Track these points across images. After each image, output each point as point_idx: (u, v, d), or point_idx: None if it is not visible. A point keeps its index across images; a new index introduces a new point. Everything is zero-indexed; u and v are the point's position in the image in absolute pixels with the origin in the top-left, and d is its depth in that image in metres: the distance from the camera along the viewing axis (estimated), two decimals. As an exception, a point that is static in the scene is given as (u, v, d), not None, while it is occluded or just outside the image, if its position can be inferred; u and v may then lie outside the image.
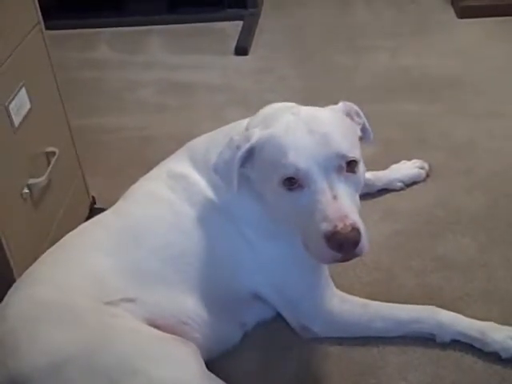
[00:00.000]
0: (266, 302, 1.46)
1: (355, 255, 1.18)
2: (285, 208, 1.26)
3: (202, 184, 1.42)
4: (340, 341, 1.45)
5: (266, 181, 1.28)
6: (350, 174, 1.23)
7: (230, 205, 1.40)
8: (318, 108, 1.34)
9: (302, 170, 1.20)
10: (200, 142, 1.50)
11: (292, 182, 1.22)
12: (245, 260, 1.41)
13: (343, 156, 1.22)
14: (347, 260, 1.20)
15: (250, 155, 1.29)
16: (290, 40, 2.88)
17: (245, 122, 1.45)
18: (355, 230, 1.16)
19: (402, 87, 2.41)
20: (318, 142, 1.22)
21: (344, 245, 1.16)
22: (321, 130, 1.23)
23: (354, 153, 1.24)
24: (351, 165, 1.23)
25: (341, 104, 1.36)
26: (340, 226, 1.15)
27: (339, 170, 1.22)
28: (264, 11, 3.14)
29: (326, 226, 1.16)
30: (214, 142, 1.46)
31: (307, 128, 1.24)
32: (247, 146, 1.28)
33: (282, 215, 1.29)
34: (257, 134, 1.29)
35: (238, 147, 1.29)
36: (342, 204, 1.18)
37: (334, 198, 1.18)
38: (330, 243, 1.16)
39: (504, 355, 1.36)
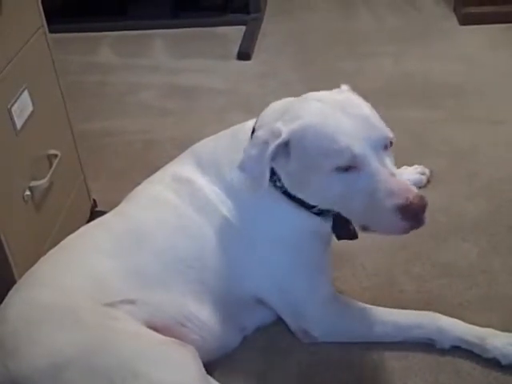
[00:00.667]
0: (266, 306, 1.46)
1: (424, 222, 1.24)
2: (338, 193, 1.27)
3: (206, 188, 1.42)
4: (340, 345, 1.45)
5: (312, 170, 1.27)
6: (388, 151, 1.29)
7: (234, 209, 1.40)
8: (330, 92, 1.37)
9: (357, 154, 1.23)
10: (204, 146, 1.50)
11: (346, 167, 1.24)
12: (247, 264, 1.41)
13: (387, 137, 1.28)
14: (417, 228, 1.25)
15: (282, 149, 1.29)
16: (292, 45, 2.88)
17: (249, 123, 1.45)
18: (422, 197, 1.22)
19: (404, 93, 2.41)
20: (363, 125, 1.26)
21: (418, 214, 1.21)
22: (358, 113, 1.28)
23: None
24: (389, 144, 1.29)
25: (344, 86, 1.41)
26: (411, 197, 1.20)
27: (385, 149, 1.27)
28: (266, 16, 3.15)
29: (396, 201, 1.20)
30: (219, 145, 1.46)
31: (344, 112, 1.27)
32: (279, 140, 1.27)
33: (333, 200, 1.30)
34: (288, 127, 1.28)
35: (266, 143, 1.28)
36: (401, 179, 1.24)
37: (392, 175, 1.24)
38: (404, 215, 1.21)
39: (503, 362, 1.36)
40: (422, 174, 1.92)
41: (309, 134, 1.27)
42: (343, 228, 1.40)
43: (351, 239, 1.41)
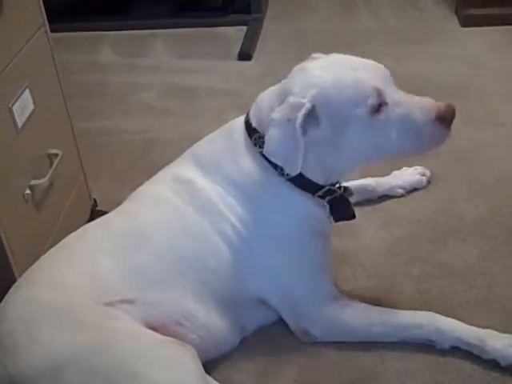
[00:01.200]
0: (267, 306, 1.46)
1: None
2: (378, 136, 1.32)
3: (207, 188, 1.42)
4: (340, 346, 1.45)
5: (348, 125, 1.31)
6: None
7: (235, 208, 1.41)
8: (312, 60, 1.42)
9: (382, 90, 1.31)
10: (202, 146, 1.51)
11: (377, 107, 1.30)
12: (248, 263, 1.41)
13: (389, 71, 1.38)
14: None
15: (308, 119, 1.30)
16: (293, 45, 2.88)
17: (240, 118, 1.46)
18: (449, 104, 1.36)
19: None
20: (369, 68, 1.35)
21: (452, 118, 1.34)
22: (357, 61, 1.37)
23: None
24: None
25: (316, 54, 1.46)
26: (442, 107, 1.34)
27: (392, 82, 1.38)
28: (268, 16, 3.15)
29: (432, 114, 1.32)
30: (216, 144, 1.47)
31: (345, 65, 1.35)
32: (304, 110, 1.28)
33: (370, 148, 1.35)
34: (307, 95, 1.29)
35: (289, 119, 1.28)
36: (422, 97, 1.36)
37: (412, 97, 1.35)
38: (442, 123, 1.32)
39: (503, 363, 1.36)
40: (423, 174, 1.92)
41: (330, 92, 1.31)
42: (343, 209, 1.45)
43: (350, 219, 1.47)
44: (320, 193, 1.42)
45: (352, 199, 1.81)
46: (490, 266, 1.63)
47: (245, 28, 3.01)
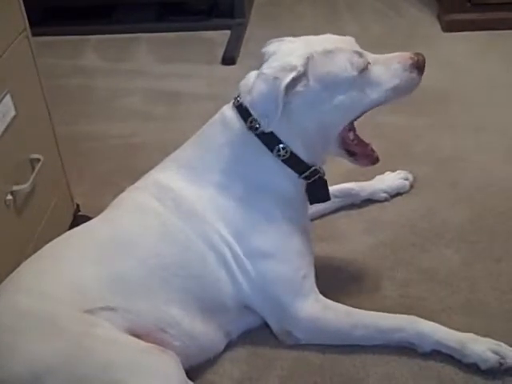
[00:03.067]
0: (251, 311, 1.46)
1: None
2: (366, 90, 1.43)
3: (189, 195, 1.42)
4: (323, 350, 1.45)
5: (338, 87, 1.40)
6: None
7: (217, 215, 1.41)
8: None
9: (362, 53, 1.44)
10: (184, 151, 1.51)
11: (362, 67, 1.41)
12: (232, 268, 1.41)
13: None
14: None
15: (297, 81, 1.36)
16: (277, 50, 2.88)
17: (225, 107, 1.49)
18: (418, 53, 1.48)
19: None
20: (346, 40, 1.47)
21: (424, 63, 1.47)
22: (334, 36, 1.47)
23: None
24: None
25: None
26: (413, 55, 1.46)
27: None
28: (251, 21, 3.15)
29: (408, 61, 1.45)
30: (197, 148, 1.48)
31: (327, 40, 1.45)
32: (294, 73, 1.34)
33: (361, 102, 1.44)
34: (302, 59, 1.37)
35: (277, 78, 1.33)
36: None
37: (383, 55, 1.48)
38: (418, 69, 1.46)
39: (483, 367, 1.37)
40: (405, 179, 1.93)
41: (320, 57, 1.40)
42: (322, 191, 1.51)
43: (324, 202, 1.55)
44: (307, 173, 1.45)
45: (335, 203, 1.85)
46: (471, 270, 1.64)
47: (228, 32, 3.01)
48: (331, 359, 1.44)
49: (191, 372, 1.35)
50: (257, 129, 1.40)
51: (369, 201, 1.89)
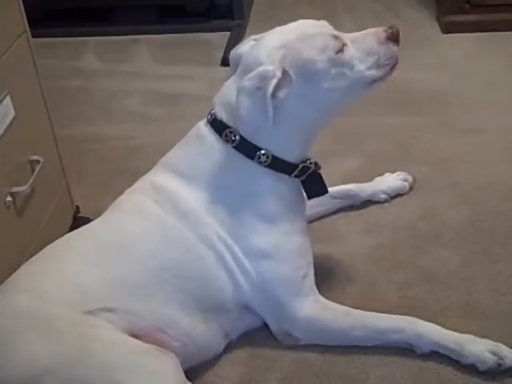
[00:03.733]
0: (251, 312, 1.46)
1: None
2: (347, 72, 1.41)
3: (187, 196, 1.42)
4: (322, 351, 1.45)
5: (318, 74, 1.38)
6: None
7: (215, 215, 1.41)
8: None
9: (337, 35, 1.42)
10: (175, 155, 1.51)
11: (339, 49, 1.40)
12: (232, 268, 1.42)
13: None
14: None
15: (280, 83, 1.34)
16: (276, 52, 2.89)
17: (201, 122, 1.48)
18: (391, 25, 1.47)
19: (387, 100, 2.42)
20: (319, 24, 1.46)
21: (398, 33, 1.45)
22: (305, 21, 1.48)
23: None
24: None
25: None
26: (385, 28, 1.45)
27: None
28: (251, 23, 3.16)
29: (382, 35, 1.44)
30: (189, 149, 1.48)
31: (299, 26, 1.46)
32: (275, 80, 1.33)
33: (345, 87, 1.41)
34: (274, 61, 1.35)
35: (259, 88, 1.32)
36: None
37: (358, 33, 1.47)
38: (394, 41, 1.44)
39: (481, 368, 1.37)
40: (405, 180, 1.93)
41: (297, 46, 1.38)
42: (317, 185, 1.50)
43: (322, 195, 1.53)
44: (296, 172, 1.45)
45: (335, 205, 1.85)
46: (470, 272, 1.64)
47: (228, 34, 3.02)
48: (331, 360, 1.44)
49: (190, 373, 1.35)
50: (233, 141, 1.40)
51: (368, 202, 1.89)
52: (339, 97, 1.43)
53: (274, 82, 1.33)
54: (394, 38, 1.45)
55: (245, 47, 1.48)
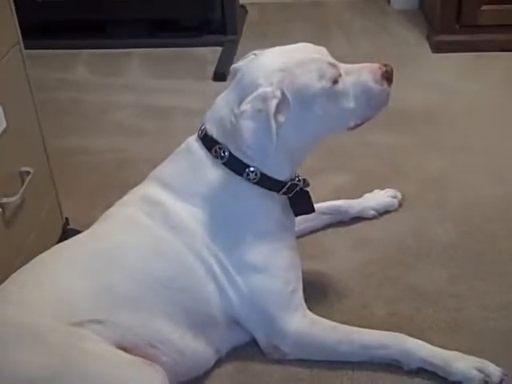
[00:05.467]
0: (240, 327, 1.46)
1: None
2: (340, 103, 1.42)
3: (177, 209, 1.43)
4: (310, 367, 1.45)
5: (313, 100, 1.39)
6: None
7: (205, 228, 1.41)
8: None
9: (334, 63, 1.43)
10: (165, 168, 1.51)
11: (336, 78, 1.41)
12: (222, 281, 1.42)
13: None
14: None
15: (280, 106, 1.35)
16: (268, 68, 2.90)
17: (192, 137, 1.48)
18: (385, 64, 1.48)
19: (376, 119, 2.42)
20: (317, 49, 1.46)
21: (392, 74, 1.46)
22: (304, 45, 1.49)
23: None
24: None
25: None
26: (381, 66, 1.46)
27: None
28: (243, 38, 3.18)
29: (378, 72, 1.44)
30: (179, 164, 1.48)
31: (297, 50, 1.46)
32: (276, 100, 1.33)
33: (337, 116, 1.44)
34: (273, 83, 1.35)
35: (262, 110, 1.32)
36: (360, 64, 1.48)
37: (354, 65, 1.47)
38: (388, 81, 1.45)
39: (467, 385, 1.38)
40: (394, 197, 1.94)
41: (295, 72, 1.38)
42: (304, 203, 1.51)
43: (309, 213, 1.54)
44: (284, 189, 1.45)
45: (324, 220, 1.86)
46: (458, 289, 1.65)
47: (220, 49, 3.03)
48: (319, 376, 1.44)
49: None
50: (222, 157, 1.41)
51: (357, 218, 1.90)
52: (329, 126, 1.45)
53: (275, 102, 1.33)
54: (388, 76, 1.46)
55: (245, 62, 1.48)
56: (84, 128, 2.50)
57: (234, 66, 1.52)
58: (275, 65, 1.39)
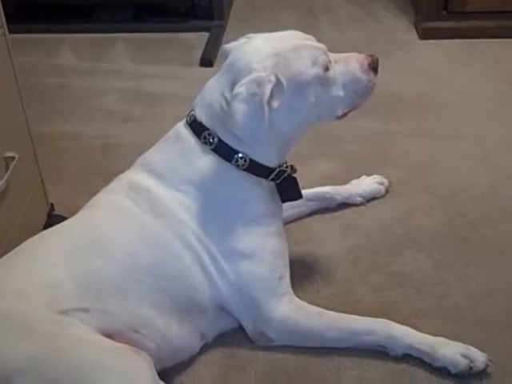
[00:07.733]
0: (227, 313, 1.46)
1: None
2: (330, 89, 1.44)
3: (164, 195, 1.42)
4: (296, 353, 1.46)
5: (306, 86, 1.40)
6: None
7: (192, 215, 1.41)
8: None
9: (325, 49, 1.45)
10: (152, 155, 1.50)
11: (327, 66, 1.43)
12: (208, 268, 1.41)
13: None
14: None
15: (274, 90, 1.35)
16: (255, 54, 2.89)
17: (180, 123, 1.48)
18: (371, 54, 1.51)
19: (364, 105, 2.44)
20: (307, 36, 1.46)
21: (378, 64, 1.49)
22: (294, 32, 1.48)
23: None
24: None
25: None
26: (368, 56, 1.50)
27: None
28: (230, 24, 3.15)
29: (365, 61, 1.48)
30: (167, 150, 1.47)
31: (289, 36, 1.45)
32: (270, 85, 1.33)
33: (327, 103, 1.45)
34: (267, 67, 1.34)
35: (255, 94, 1.32)
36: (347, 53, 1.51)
37: (341, 54, 1.49)
38: (374, 71, 1.48)
39: (453, 370, 1.38)
40: (381, 183, 1.94)
41: (290, 57, 1.38)
42: (292, 189, 1.51)
43: (296, 200, 1.55)
44: (273, 175, 1.46)
45: (310, 207, 1.86)
46: (444, 275, 1.66)
47: (207, 34, 3.01)
48: (305, 362, 1.45)
49: (164, 373, 1.35)
50: (211, 143, 1.41)
51: (344, 205, 1.90)
52: (319, 113, 1.46)
53: (270, 86, 1.33)
54: (374, 66, 1.48)
55: (236, 44, 1.47)
56: (70, 113, 2.48)
57: (225, 46, 1.51)
58: (269, 49, 1.39)
